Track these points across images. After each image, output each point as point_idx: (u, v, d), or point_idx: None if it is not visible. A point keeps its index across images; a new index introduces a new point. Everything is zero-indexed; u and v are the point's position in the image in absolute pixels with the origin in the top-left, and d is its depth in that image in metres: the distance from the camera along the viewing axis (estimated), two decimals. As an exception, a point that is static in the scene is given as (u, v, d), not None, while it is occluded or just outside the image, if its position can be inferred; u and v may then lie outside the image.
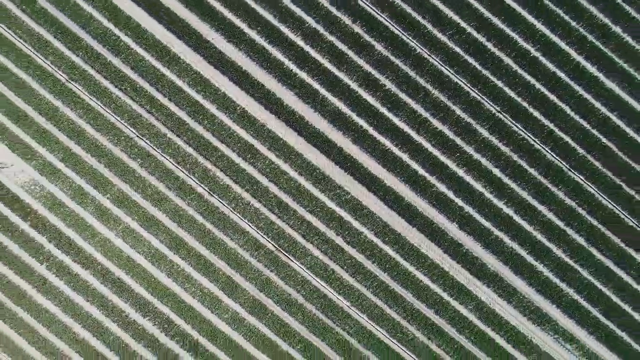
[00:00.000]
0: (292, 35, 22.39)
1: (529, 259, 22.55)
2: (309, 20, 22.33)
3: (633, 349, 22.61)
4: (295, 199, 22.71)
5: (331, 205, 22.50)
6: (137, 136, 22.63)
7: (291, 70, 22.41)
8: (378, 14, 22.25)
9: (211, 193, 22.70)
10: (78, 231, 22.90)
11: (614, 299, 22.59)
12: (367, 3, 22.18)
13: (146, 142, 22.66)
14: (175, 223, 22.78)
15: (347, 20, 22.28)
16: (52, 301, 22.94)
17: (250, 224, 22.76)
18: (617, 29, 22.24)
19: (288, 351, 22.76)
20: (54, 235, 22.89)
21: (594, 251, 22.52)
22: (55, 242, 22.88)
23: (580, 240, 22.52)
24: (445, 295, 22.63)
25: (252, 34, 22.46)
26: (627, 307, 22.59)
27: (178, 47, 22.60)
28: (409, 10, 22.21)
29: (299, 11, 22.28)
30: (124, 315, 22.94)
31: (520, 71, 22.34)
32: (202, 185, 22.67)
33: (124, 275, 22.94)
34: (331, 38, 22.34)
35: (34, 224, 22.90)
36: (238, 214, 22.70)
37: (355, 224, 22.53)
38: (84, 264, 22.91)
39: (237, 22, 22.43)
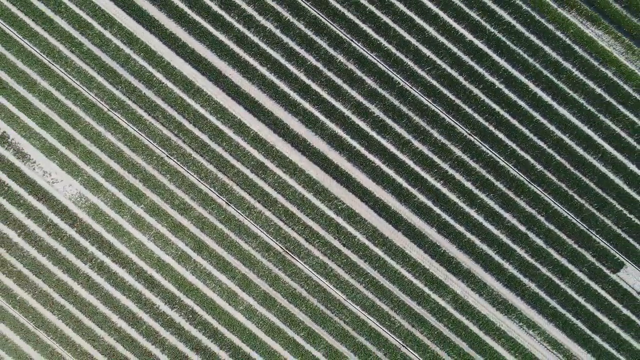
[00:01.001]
0: (296, 71, 26.82)
1: (497, 258, 26.71)
2: (310, 59, 26.79)
3: (586, 334, 26.64)
4: (299, 208, 26.96)
5: (329, 213, 26.76)
6: (167, 156, 26.99)
7: (295, 100, 26.82)
8: (368, 53, 26.71)
9: (228, 203, 26.99)
10: (116, 236, 27.18)
11: (569, 291, 26.69)
12: (358, 45, 26.65)
13: (174, 161, 27.01)
14: (198, 229, 27.03)
15: (342, 58, 26.73)
16: (94, 295, 27.14)
17: (261, 230, 27.01)
18: (567, 65, 26.65)
19: (294, 337, 26.84)
20: (96, 240, 27.17)
21: (552, 251, 26.69)
22: (97, 245, 27.15)
23: (540, 242, 26.71)
24: (426, 289, 26.77)
25: (263, 71, 26.92)
26: (580, 299, 26.68)
27: (201, 81, 27.07)
28: (393, 50, 26.67)
29: (302, 52, 26.74)
30: (155, 307, 27.11)
31: (487, 100, 26.71)
32: (221, 197, 26.96)
33: (155, 273, 27.15)
34: (329, 74, 26.79)
35: (79, 230, 27.19)
36: (251, 221, 26.97)
37: (350, 229, 26.78)
38: (121, 264, 27.14)
39: (250, 60, 26.90)
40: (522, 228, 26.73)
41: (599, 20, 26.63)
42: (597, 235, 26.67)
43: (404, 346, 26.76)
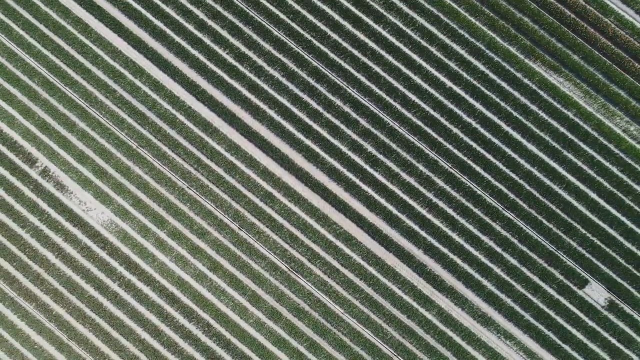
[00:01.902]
0: (299, 114, 31.04)
1: (476, 276, 30.34)
2: (312, 103, 31.06)
3: (557, 344, 30.02)
4: (302, 233, 30.77)
5: (329, 236, 30.56)
6: (187, 187, 30.99)
7: (299, 138, 30.97)
8: (361, 98, 30.98)
9: (240, 228, 30.82)
10: (142, 257, 30.94)
11: (541, 306, 30.21)
12: (354, 91, 30.94)
13: (193, 191, 31.00)
14: (214, 251, 30.81)
15: (339, 102, 30.99)
16: (121, 310, 30.73)
17: (269, 251, 30.76)
18: (534, 107, 30.86)
19: (298, 348, 30.26)
20: (124, 260, 30.93)
21: (524, 270, 30.33)
22: (125, 265, 30.90)
23: (514, 262, 30.39)
24: (414, 304, 30.32)
25: (271, 113, 31.16)
26: (550, 312, 30.17)
27: (217, 122, 31.28)
28: (383, 95, 30.94)
29: (305, 97, 31.03)
30: (175, 320, 30.66)
31: (465, 138, 30.81)
32: (234, 222, 30.83)
33: (175, 290, 30.80)
34: (327, 115, 31.01)
35: (109, 252, 30.99)
36: (260, 244, 30.76)
37: (347, 251, 30.52)
38: (145, 282, 30.81)
39: (260, 104, 31.17)
40: (498, 249, 30.44)
41: (560, 70, 30.96)
42: (564, 256, 30.36)
43: (395, 355, 30.13)
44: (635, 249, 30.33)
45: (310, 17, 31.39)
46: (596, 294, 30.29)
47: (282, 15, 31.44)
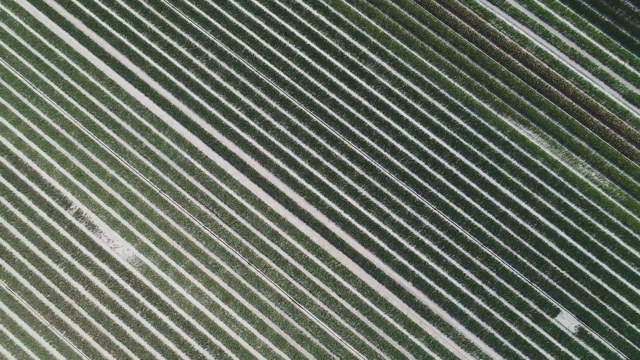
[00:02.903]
0: (302, 162, 35.52)
1: (459, 306, 34.06)
2: (313, 152, 35.59)
3: (533, 368, 33.51)
4: (304, 267, 34.70)
5: (328, 270, 34.49)
6: (203, 227, 35.16)
7: (302, 184, 35.34)
8: (355, 148, 35.56)
9: (250, 263, 34.80)
10: (162, 290, 34.80)
11: (518, 332, 33.78)
12: (349, 142, 35.55)
13: (208, 231, 35.15)
14: (226, 283, 34.67)
15: (336, 152, 35.53)
16: (142, 337, 34.35)
17: (275, 284, 34.61)
18: (507, 156, 35.34)
19: (300, 371, 33.72)
20: (146, 292, 34.78)
21: (502, 300, 34.06)
22: (147, 297, 34.72)
23: (493, 293, 34.16)
24: (404, 331, 33.92)
25: (277, 161, 35.66)
26: (527, 339, 33.71)
27: (231, 170, 35.76)
28: (375, 146, 35.51)
29: (307, 147, 35.62)
30: (190, 347, 34.22)
31: (447, 183, 35.15)
32: (244, 258, 34.82)
33: (191, 319, 34.50)
34: (326, 163, 35.49)
35: (133, 285, 34.88)
36: (267, 277, 34.65)
37: (344, 283, 34.38)
38: (165, 312, 34.56)
39: (268, 154, 35.71)
40: (479, 282, 34.27)
41: (529, 124, 35.64)
42: (538, 287, 34.15)
43: (388, 378, 33.55)
44: (600, 281, 34.13)
45: (311, 79, 36.35)
46: (567, 322, 33.89)
47: (287, 77, 36.42)
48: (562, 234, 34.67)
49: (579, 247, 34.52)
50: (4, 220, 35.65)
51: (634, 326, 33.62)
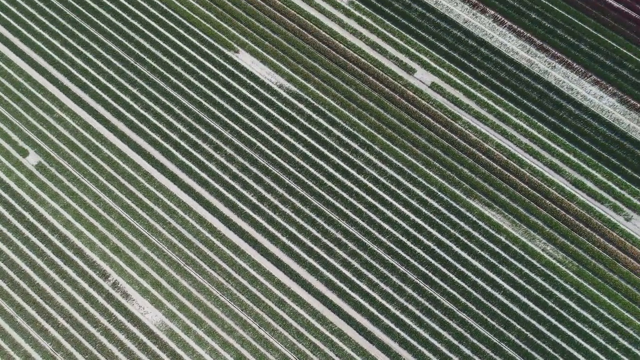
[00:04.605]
0: (304, 239, 42.41)
1: (439, 363, 39.77)
2: (313, 230, 42.58)
3: (505, 419, 38.56)
4: (306, 330, 40.63)
5: (326, 333, 40.40)
6: (220, 295, 41.46)
7: (304, 257, 42.04)
8: (348, 226, 42.60)
9: (260, 327, 40.78)
10: (184, 350, 40.56)
11: (491, 387, 39.19)
12: (343, 222, 42.63)
13: (225, 299, 41.42)
14: (239, 345, 40.46)
15: (332, 230, 42.50)
16: (166, 393, 39.75)
17: (281, 345, 40.41)
18: (476, 233, 42.24)
19: (303, 423, 38.78)
20: (171, 353, 40.52)
21: (477, 358, 39.69)
22: (171, 357, 40.43)
23: (468, 351, 39.84)
24: (393, 386, 39.36)
25: (284, 239, 42.55)
26: (498, 392, 39.08)
27: (244, 246, 42.61)
28: (365, 225, 42.57)
29: (308, 226, 42.66)
30: (208, 402, 39.55)
31: (426, 256, 41.83)
32: (255, 322, 40.85)
33: (209, 377, 40.07)
34: (324, 240, 42.34)
35: (160, 346, 40.68)
36: (275, 339, 40.51)
37: (340, 344, 40.19)
38: (186, 370, 40.20)
39: (276, 232, 42.69)
40: (455, 342, 40.07)
41: (493, 206, 42.86)
42: (506, 346, 39.88)
43: None
44: (559, 341, 39.91)
45: (311, 170, 44.05)
46: (533, 377, 39.36)
47: (291, 169, 44.13)
48: (524, 299, 40.87)
49: (540, 311, 40.60)
50: (51, 290, 42.07)
51: (590, 381, 39.06)
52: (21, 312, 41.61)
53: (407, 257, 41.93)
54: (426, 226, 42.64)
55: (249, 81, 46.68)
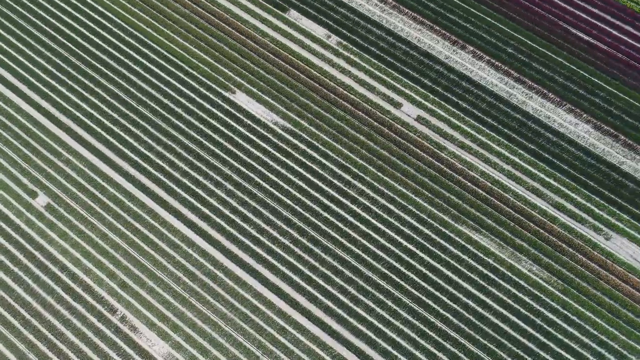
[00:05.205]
0: (303, 268, 44.63)
1: (436, 383, 41.62)
2: (311, 259, 44.85)
3: None
4: (307, 356, 42.49)
5: (328, 358, 42.29)
6: (224, 325, 43.37)
7: (303, 286, 44.17)
8: (344, 254, 44.88)
9: (263, 354, 42.63)
10: (191, 380, 42.32)
11: (486, 405, 41.02)
12: (339, 250, 44.95)
13: (229, 329, 43.32)
14: (243, 373, 42.30)
15: (329, 258, 44.77)
16: (175, 423, 41.27)
17: (284, 371, 42.27)
18: (465, 257, 44.61)
19: None
20: (178, 383, 42.26)
21: (470, 377, 41.63)
22: (179, 387, 42.15)
23: (462, 371, 41.79)
24: (392, 408, 41.10)
25: (283, 269, 44.75)
26: (493, 410, 40.88)
27: (245, 277, 44.72)
28: (360, 252, 44.90)
29: (306, 256, 44.95)
30: None
31: (419, 280, 44.07)
32: (258, 350, 42.69)
33: (215, 405, 41.68)
34: (322, 269, 44.57)
35: (167, 377, 42.43)
36: (277, 366, 42.40)
37: (340, 368, 42.16)
38: (193, 400, 41.80)
39: (275, 262, 44.89)
40: (450, 362, 42.11)
41: (480, 230, 45.35)
42: (498, 365, 41.94)
43: None
44: (549, 357, 41.94)
45: (307, 201, 46.55)
46: (525, 393, 41.24)
47: (288, 201, 46.62)
48: (514, 318, 43.02)
49: (529, 329, 42.73)
50: (62, 326, 43.86)
51: (579, 395, 40.97)
52: (33, 349, 43.28)
53: (401, 282, 44.15)
54: (418, 252, 45.01)
55: (245, 120, 49.54)
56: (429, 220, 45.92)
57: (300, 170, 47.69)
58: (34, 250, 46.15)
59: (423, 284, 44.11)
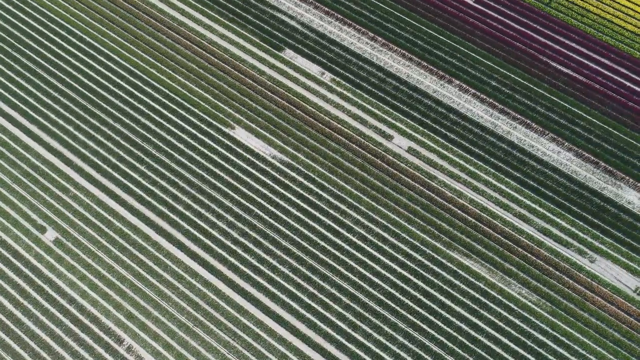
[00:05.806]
0: (302, 296, 46.52)
1: (432, 405, 43.12)
2: (309, 287, 46.78)
3: None
4: (308, 381, 44.11)
5: (327, 383, 43.95)
6: (227, 353, 45.00)
7: (303, 313, 46.00)
8: (341, 282, 46.86)
9: (265, 381, 44.19)
10: (195, 408, 43.71)
11: None
12: (336, 278, 46.94)
13: (231, 356, 44.93)
14: (246, 399, 43.76)
15: (327, 286, 46.71)
16: None
17: (285, 397, 43.73)
18: (457, 281, 46.63)
19: None
20: (183, 411, 43.62)
21: (465, 399, 43.21)
22: (184, 415, 43.51)
23: (457, 393, 43.39)
24: None
25: (283, 297, 46.62)
26: None
27: (247, 306, 46.54)
28: (357, 280, 46.88)
29: (305, 284, 46.91)
30: None
31: (413, 305, 45.95)
32: (260, 377, 44.28)
33: None
34: (320, 296, 46.46)
35: (173, 405, 43.80)
36: (279, 392, 43.87)
37: (340, 392, 43.67)
38: None
39: (276, 291, 46.78)
40: (445, 384, 43.69)
41: (471, 256, 47.52)
42: (492, 386, 43.53)
43: None
44: (540, 378, 43.70)
45: (305, 231, 48.72)
46: (519, 414, 42.76)
47: (287, 231, 48.81)
48: (505, 340, 44.83)
49: (520, 350, 44.50)
50: (70, 358, 45.37)
51: (570, 414, 42.51)
52: (42, 380, 44.76)
53: (397, 308, 46.03)
54: (412, 277, 47.03)
55: (245, 154, 52.08)
56: (421, 247, 48.08)
57: (298, 201, 50.00)
58: (43, 283, 47.96)
59: (418, 308, 46.00)
